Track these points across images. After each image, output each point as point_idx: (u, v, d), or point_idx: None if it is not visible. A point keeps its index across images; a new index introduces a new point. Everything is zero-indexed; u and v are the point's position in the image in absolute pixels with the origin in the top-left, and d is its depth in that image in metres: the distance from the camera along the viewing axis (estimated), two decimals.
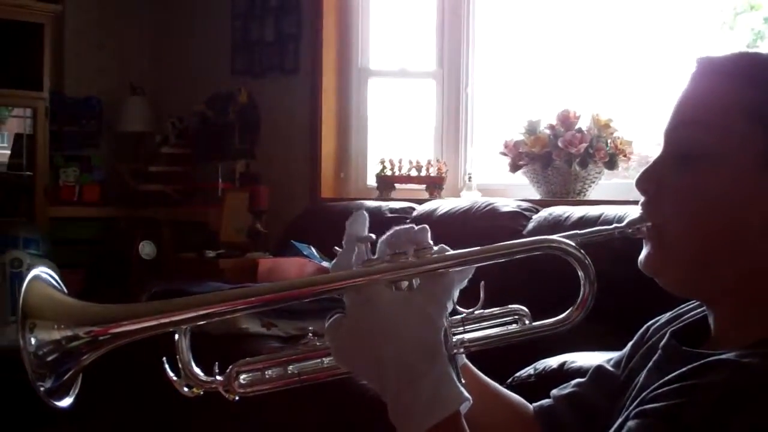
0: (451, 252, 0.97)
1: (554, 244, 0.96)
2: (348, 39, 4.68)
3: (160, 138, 5.16)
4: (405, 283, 0.96)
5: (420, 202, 3.96)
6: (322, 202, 4.49)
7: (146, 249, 4.69)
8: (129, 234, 4.94)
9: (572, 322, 0.97)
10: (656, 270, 0.99)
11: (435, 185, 4.23)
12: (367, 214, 1.01)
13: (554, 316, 1.00)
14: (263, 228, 4.46)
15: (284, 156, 4.77)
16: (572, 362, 2.41)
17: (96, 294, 0.88)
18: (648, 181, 1.00)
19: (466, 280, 1.00)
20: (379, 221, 3.88)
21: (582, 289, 0.96)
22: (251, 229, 4.47)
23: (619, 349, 1.20)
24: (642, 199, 1.01)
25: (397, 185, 4.36)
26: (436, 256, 0.96)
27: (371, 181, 4.56)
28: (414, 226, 1.00)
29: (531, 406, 1.21)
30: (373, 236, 0.99)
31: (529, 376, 2.46)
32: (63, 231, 4.98)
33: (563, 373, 2.38)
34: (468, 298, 1.01)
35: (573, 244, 0.96)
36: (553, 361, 2.45)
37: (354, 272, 0.96)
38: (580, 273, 0.96)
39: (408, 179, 4.33)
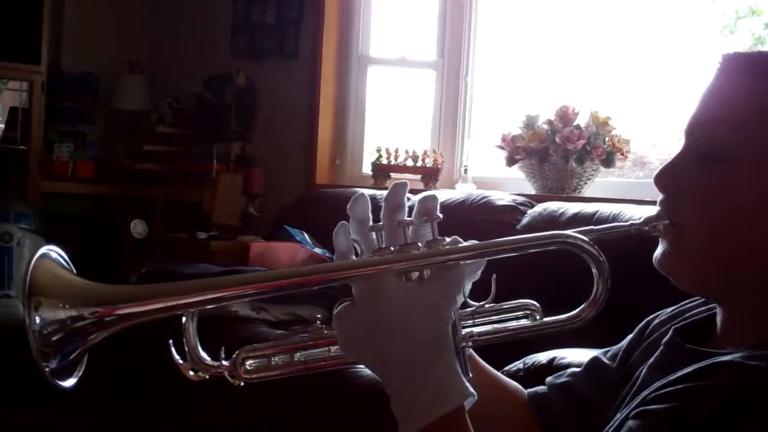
0: (464, 244, 0.95)
1: (569, 240, 0.93)
2: (349, 25, 4.65)
3: (156, 117, 5.12)
4: (415, 274, 0.93)
5: (415, 192, 3.89)
6: (316, 188, 4.46)
7: (138, 228, 4.66)
8: (121, 212, 4.92)
9: (584, 318, 0.95)
10: (672, 269, 0.97)
11: (430, 176, 4.23)
12: (367, 196, 0.99)
13: (562, 312, 0.99)
14: (256, 212, 4.45)
15: (280, 140, 4.75)
16: (562, 358, 2.42)
17: (85, 271, 0.85)
18: (668, 178, 0.97)
19: (479, 272, 0.98)
20: (374, 209, 3.87)
21: (595, 285, 0.94)
22: (244, 213, 4.46)
23: (610, 345, 1.19)
24: (660, 196, 0.98)
25: (392, 174, 4.34)
26: (447, 247, 0.94)
27: (366, 169, 4.56)
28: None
29: (526, 392, 1.20)
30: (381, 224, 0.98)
31: (518, 370, 2.47)
32: (55, 206, 4.94)
33: (552, 369, 2.38)
34: (478, 291, 1.00)
35: (587, 239, 0.94)
36: (543, 357, 2.46)
37: (364, 261, 0.94)
38: (594, 270, 0.94)
39: (403, 169, 4.31)
